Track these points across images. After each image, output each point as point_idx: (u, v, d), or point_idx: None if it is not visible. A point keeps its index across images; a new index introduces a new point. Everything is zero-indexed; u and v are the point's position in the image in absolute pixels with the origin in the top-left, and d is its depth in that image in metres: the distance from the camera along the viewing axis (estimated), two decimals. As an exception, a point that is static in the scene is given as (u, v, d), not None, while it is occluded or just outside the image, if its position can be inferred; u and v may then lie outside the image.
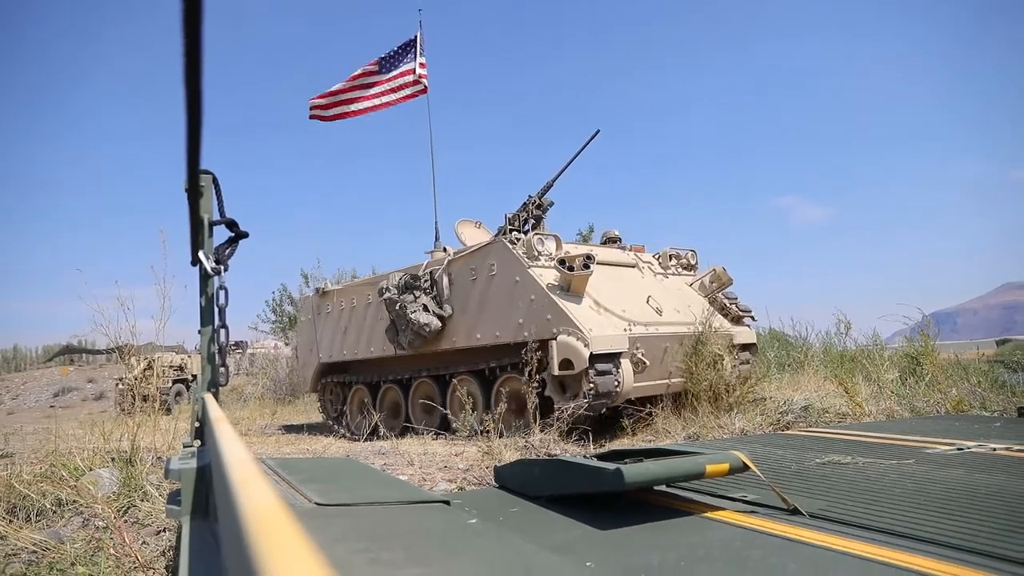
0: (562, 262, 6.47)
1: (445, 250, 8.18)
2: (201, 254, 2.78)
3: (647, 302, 7.18)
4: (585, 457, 3.32)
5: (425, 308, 7.47)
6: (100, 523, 3.37)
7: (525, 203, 8.33)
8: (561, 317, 6.26)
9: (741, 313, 8.19)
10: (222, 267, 2.82)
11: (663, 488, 3.19)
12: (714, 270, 8.25)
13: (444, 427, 7.63)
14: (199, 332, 2.82)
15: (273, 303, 22.66)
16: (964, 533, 2.33)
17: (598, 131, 8.61)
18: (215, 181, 2.92)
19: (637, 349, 6.53)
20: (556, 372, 6.20)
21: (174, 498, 2.15)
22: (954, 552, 2.14)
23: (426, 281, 7.67)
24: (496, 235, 7.77)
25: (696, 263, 8.73)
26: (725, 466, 2.94)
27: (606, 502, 3.03)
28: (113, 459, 4.24)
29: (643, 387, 6.71)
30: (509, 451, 4.83)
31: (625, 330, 6.51)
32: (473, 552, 1.85)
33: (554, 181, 8.39)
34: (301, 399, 15.26)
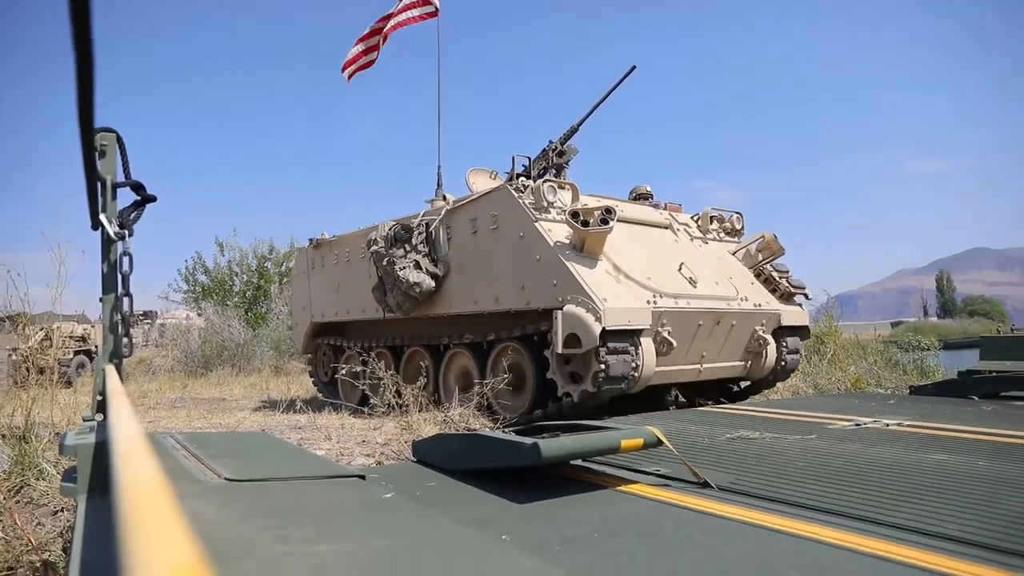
0: (575, 215, 5.36)
1: (445, 198, 7.09)
2: (103, 217, 2.62)
3: (679, 270, 6.02)
4: (503, 431, 3.35)
5: (417, 265, 6.42)
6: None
7: (544, 150, 7.09)
8: (569, 282, 5.20)
9: (793, 289, 7.00)
10: (126, 232, 2.67)
11: (579, 462, 3.25)
12: (763, 236, 7.03)
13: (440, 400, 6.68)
14: (100, 300, 2.67)
15: (186, 272, 21.75)
16: (857, 503, 2.47)
17: (634, 67, 7.19)
18: (119, 140, 2.75)
19: (663, 326, 5.49)
20: (560, 349, 5.16)
21: (70, 475, 2.03)
22: (848, 520, 2.27)
23: (420, 234, 6.57)
24: (508, 181, 6.55)
25: (742, 228, 7.48)
26: (640, 441, 3.02)
27: (523, 476, 3.06)
28: (3, 435, 3.99)
29: (667, 372, 5.73)
30: (428, 425, 4.82)
31: (649, 302, 5.43)
32: (387, 527, 1.83)
33: (580, 124, 7.09)
34: (214, 372, 14.78)
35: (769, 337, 6.41)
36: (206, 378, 14.09)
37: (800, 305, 6.98)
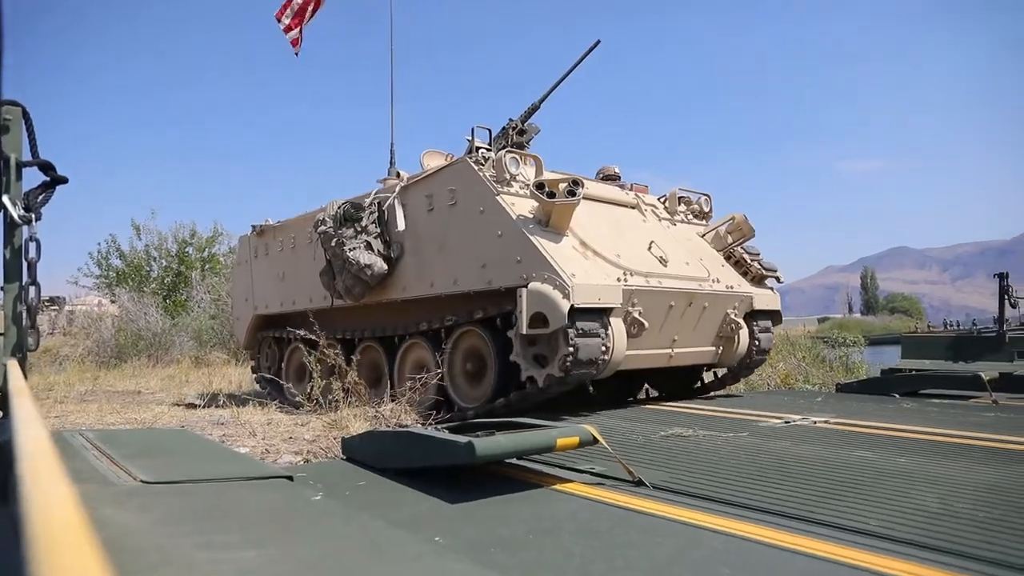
0: (540, 187, 5.17)
1: (399, 175, 6.73)
2: (6, 199, 2.47)
3: (649, 249, 5.89)
4: (436, 429, 3.34)
5: (368, 247, 6.18)
6: None
7: (504, 128, 6.89)
8: (535, 258, 5.00)
9: (765, 272, 6.89)
10: (32, 216, 2.53)
11: (514, 461, 3.27)
12: (733, 218, 6.95)
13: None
14: (2, 290, 2.52)
15: (99, 256, 20.80)
16: (786, 500, 2.57)
17: (598, 42, 7.09)
18: (26, 115, 2.60)
19: (633, 306, 5.32)
20: (525, 330, 4.91)
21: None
22: (777, 518, 2.37)
23: (372, 214, 6.32)
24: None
25: (710, 211, 7.39)
26: (575, 439, 3.06)
27: (457, 475, 3.06)
28: None
29: (638, 356, 5.55)
30: (358, 422, 4.75)
31: (619, 280, 5.27)
32: (316, 530, 1.80)
33: (541, 102, 6.94)
34: (129, 363, 14.22)
35: (742, 321, 6.30)
36: (120, 369, 13.54)
37: (772, 289, 6.88)
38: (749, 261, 6.87)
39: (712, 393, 7.08)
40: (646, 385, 7.78)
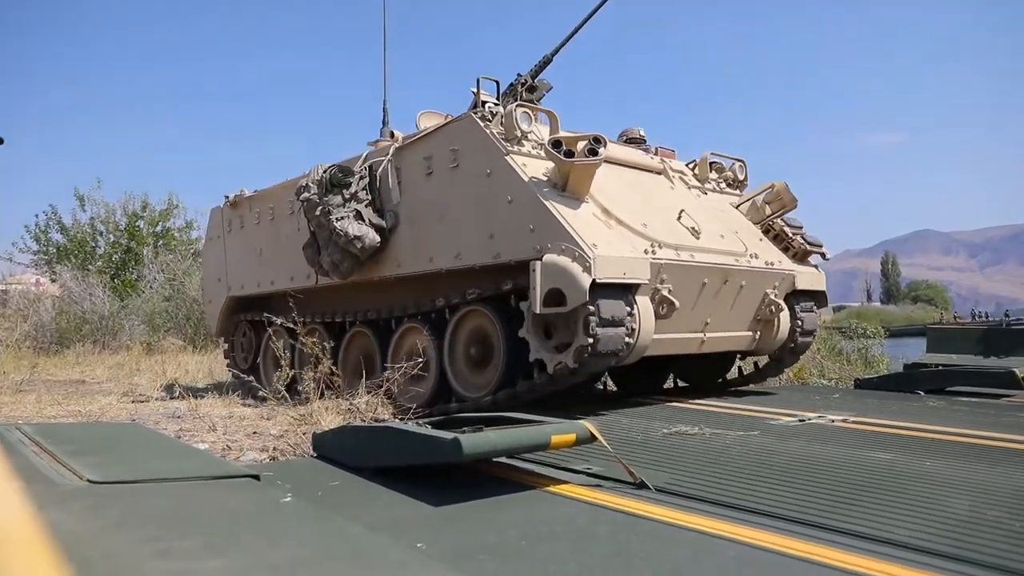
0: (556, 145, 5.00)
1: (393, 135, 6.48)
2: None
3: (678, 219, 5.71)
4: (418, 424, 3.33)
5: (358, 216, 6.00)
6: None
7: (512, 85, 6.62)
8: (551, 227, 4.85)
9: (809, 247, 6.66)
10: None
11: (504, 460, 3.27)
12: (772, 186, 6.68)
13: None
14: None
15: (37, 230, 20.57)
16: (802, 506, 2.59)
17: None
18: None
19: (662, 283, 5.15)
20: (539, 309, 4.75)
21: None
22: (793, 525, 2.38)
23: (362, 179, 6.16)
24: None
25: (745, 178, 7.19)
26: (571, 436, 3.07)
27: (441, 475, 3.06)
28: None
29: (666, 341, 5.39)
30: (330, 415, 4.74)
31: (647, 252, 5.10)
32: (286, 536, 1.79)
33: (555, 54, 6.67)
34: (71, 349, 14.12)
35: (783, 303, 6.12)
36: (61, 356, 13.43)
37: (816, 267, 6.66)
38: (791, 235, 6.65)
39: (750, 386, 6.96)
40: (672, 376, 7.62)
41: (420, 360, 5.55)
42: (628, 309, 4.83)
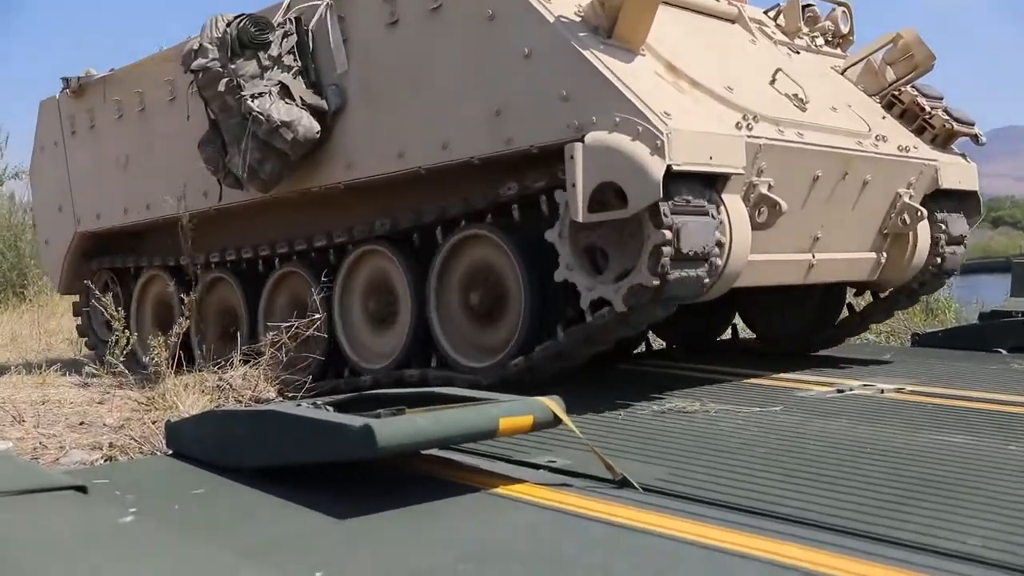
0: None
1: None
2: None
3: (772, 82, 5.34)
4: (316, 405, 3.32)
5: (284, 91, 5.56)
6: None
7: None
8: (597, 90, 4.46)
9: (956, 127, 6.22)
10: None
11: (436, 452, 3.28)
12: (898, 38, 6.16)
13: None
14: None
15: None
16: (841, 510, 2.63)
17: None
18: None
19: (760, 175, 4.81)
20: (582, 216, 4.38)
21: None
22: (827, 535, 2.42)
23: (288, 35, 5.74)
24: None
25: (850, 31, 6.81)
26: (527, 419, 3.07)
27: (349, 475, 3.06)
28: None
29: (763, 265, 5.07)
30: (192, 396, 4.69)
31: (740, 126, 4.72)
32: (128, 573, 1.77)
33: None
34: None
35: (922, 209, 5.73)
36: None
37: (963, 156, 6.30)
38: (928, 109, 6.20)
39: (853, 339, 6.90)
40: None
41: (314, 320, 5.34)
42: (715, 213, 4.50)
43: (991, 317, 8.25)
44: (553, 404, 3.12)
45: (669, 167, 4.15)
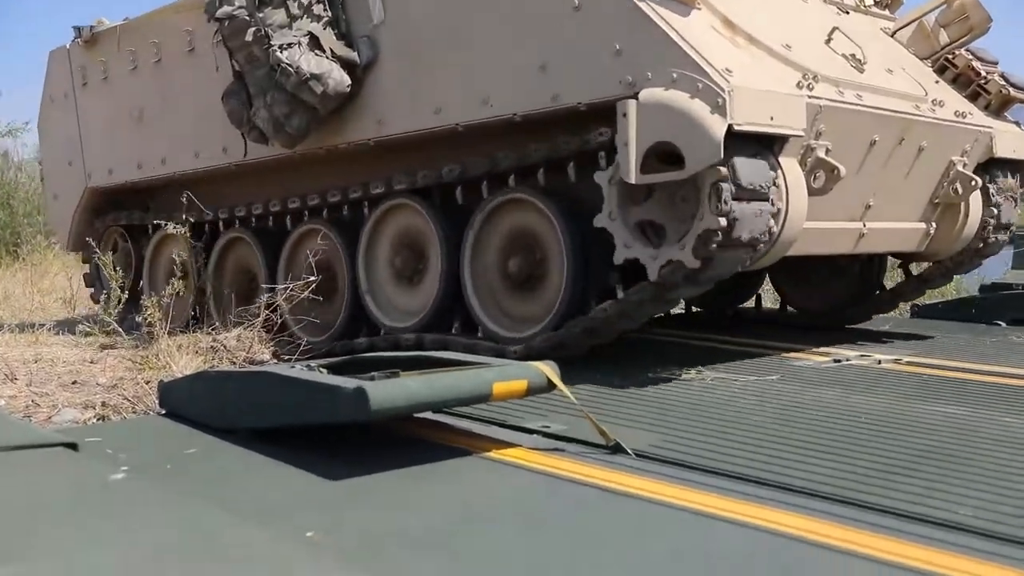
0: None
1: None
2: None
3: (827, 42, 5.25)
4: (309, 367, 3.32)
5: (314, 43, 5.48)
6: None
7: None
8: (652, 44, 4.36)
9: (1012, 93, 6.11)
10: None
11: (429, 415, 3.30)
12: None
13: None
14: None
15: None
16: (835, 478, 2.65)
17: None
18: None
19: (819, 137, 4.69)
20: (635, 177, 4.26)
21: None
22: (820, 503, 2.43)
23: None
24: None
25: None
26: (521, 384, 3.08)
27: (342, 438, 3.07)
28: None
29: (817, 232, 4.99)
30: (186, 357, 4.70)
31: (800, 86, 4.64)
32: (119, 529, 1.77)
33: None
34: None
35: (976, 178, 5.65)
36: None
37: (1017, 123, 6.20)
38: (984, 74, 6.08)
39: (892, 313, 6.87)
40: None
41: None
42: (773, 176, 4.36)
43: (992, 289, 8.26)
44: (548, 369, 3.13)
45: (730, 127, 4.05)
